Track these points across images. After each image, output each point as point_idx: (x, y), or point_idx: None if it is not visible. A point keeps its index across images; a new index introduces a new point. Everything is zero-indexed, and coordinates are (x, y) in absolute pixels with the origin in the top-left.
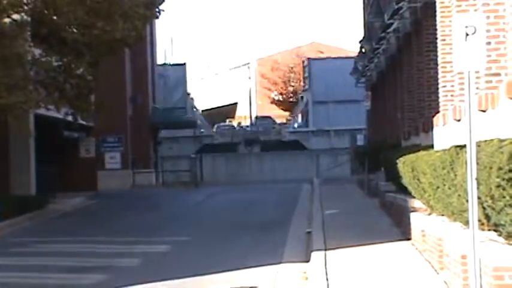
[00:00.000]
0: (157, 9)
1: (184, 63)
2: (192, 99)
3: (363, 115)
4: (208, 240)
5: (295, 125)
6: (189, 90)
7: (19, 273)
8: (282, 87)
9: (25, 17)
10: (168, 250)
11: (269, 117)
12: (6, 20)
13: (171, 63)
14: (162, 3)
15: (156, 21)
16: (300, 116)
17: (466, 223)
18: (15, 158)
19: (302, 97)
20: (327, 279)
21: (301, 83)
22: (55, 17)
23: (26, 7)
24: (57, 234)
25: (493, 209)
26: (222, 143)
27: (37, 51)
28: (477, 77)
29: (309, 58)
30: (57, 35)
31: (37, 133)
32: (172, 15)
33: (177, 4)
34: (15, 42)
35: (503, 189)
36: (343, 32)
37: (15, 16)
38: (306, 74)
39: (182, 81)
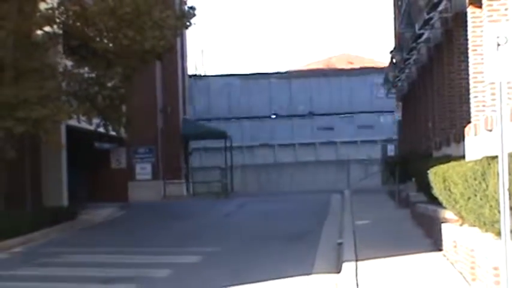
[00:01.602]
0: (188, 22)
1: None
2: None
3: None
4: (238, 251)
5: None
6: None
7: (50, 283)
8: None
9: (57, 29)
10: (198, 261)
11: None
12: (39, 32)
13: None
14: (193, 17)
15: (187, 33)
16: None
17: (498, 234)
18: (47, 169)
19: None
20: None
21: None
22: (86, 28)
23: (57, 19)
24: (88, 244)
25: None
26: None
27: (69, 63)
28: (509, 87)
29: None
30: (88, 46)
31: (68, 144)
32: (203, 27)
33: (208, 16)
34: (47, 55)
35: None
36: (374, 42)
37: (47, 28)
38: None
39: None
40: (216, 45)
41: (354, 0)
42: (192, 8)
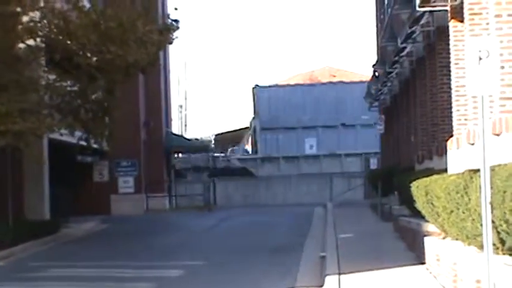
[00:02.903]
0: (171, 36)
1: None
2: None
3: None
4: (222, 264)
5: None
6: (203, 113)
7: None
8: None
9: (39, 42)
10: (181, 274)
11: None
12: (21, 45)
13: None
14: (176, 30)
15: (170, 46)
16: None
17: (481, 247)
18: (29, 183)
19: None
20: None
21: None
22: (69, 42)
23: (40, 32)
24: (70, 259)
25: (508, 233)
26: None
27: (51, 77)
28: (491, 101)
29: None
30: (71, 60)
31: (50, 157)
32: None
33: (190, 29)
34: (30, 68)
35: None
36: (356, 56)
37: (30, 42)
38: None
39: None
40: (198, 58)
41: (336, 14)
42: (176, 21)
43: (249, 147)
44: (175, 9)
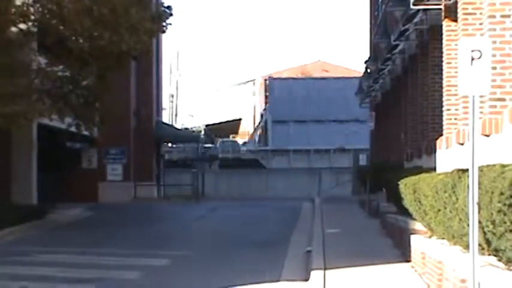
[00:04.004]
0: (164, 24)
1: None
2: None
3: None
4: (207, 256)
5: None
6: (195, 105)
7: (17, 282)
8: None
9: (32, 26)
10: (167, 264)
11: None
12: (13, 29)
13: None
14: (169, 17)
15: (162, 35)
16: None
17: (466, 247)
18: (17, 167)
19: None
20: None
21: None
22: (62, 27)
23: (32, 17)
24: (56, 244)
25: (494, 234)
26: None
27: (43, 61)
28: (481, 102)
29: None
30: (63, 45)
31: (39, 142)
32: (178, 29)
33: (183, 18)
34: (21, 52)
35: (504, 214)
36: (349, 51)
37: (22, 26)
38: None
39: None
40: (190, 48)
41: (330, 9)
42: (169, 8)
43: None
44: None
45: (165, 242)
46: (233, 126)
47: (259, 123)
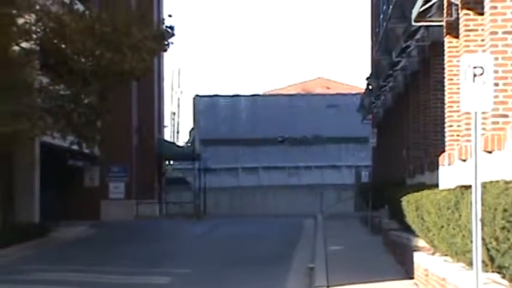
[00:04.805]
0: (166, 43)
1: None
2: None
3: None
4: (209, 274)
5: None
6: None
7: None
8: None
9: (34, 45)
10: (169, 282)
11: None
12: (16, 48)
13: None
14: (171, 37)
15: (164, 53)
16: None
17: (470, 264)
18: (20, 185)
19: None
20: None
21: None
22: (64, 46)
23: (35, 35)
24: (58, 263)
25: (498, 250)
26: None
27: (45, 80)
28: (484, 118)
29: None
30: (65, 64)
31: (42, 161)
32: (179, 46)
33: (185, 35)
34: (24, 70)
35: (508, 231)
36: (350, 68)
37: (24, 44)
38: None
39: None
40: (192, 64)
41: (331, 25)
42: (171, 28)
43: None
44: (170, 16)
45: (167, 260)
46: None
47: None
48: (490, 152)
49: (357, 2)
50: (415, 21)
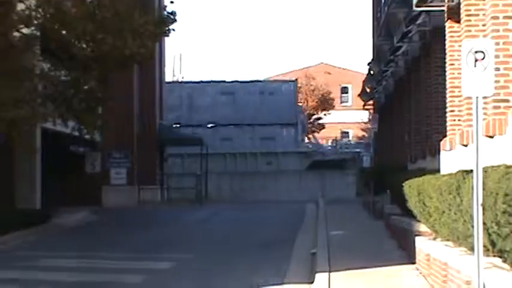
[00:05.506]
0: (167, 28)
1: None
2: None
3: None
4: (211, 259)
5: None
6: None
7: (22, 287)
8: None
9: (34, 31)
10: (171, 267)
11: None
12: (16, 33)
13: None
14: (172, 22)
15: (165, 38)
16: None
17: (471, 248)
18: (21, 171)
19: None
20: None
21: (309, 104)
22: (64, 32)
23: (35, 21)
24: (60, 249)
25: (499, 235)
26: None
27: (46, 66)
28: (485, 103)
29: None
30: (66, 49)
31: (43, 147)
32: (181, 32)
33: (186, 20)
34: (24, 56)
35: (509, 215)
36: (351, 53)
37: (25, 30)
38: None
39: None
40: (193, 50)
41: (333, 11)
42: (172, 13)
43: None
44: (171, 1)
45: (169, 245)
46: None
47: None
48: (491, 137)
49: None
50: (416, 6)
